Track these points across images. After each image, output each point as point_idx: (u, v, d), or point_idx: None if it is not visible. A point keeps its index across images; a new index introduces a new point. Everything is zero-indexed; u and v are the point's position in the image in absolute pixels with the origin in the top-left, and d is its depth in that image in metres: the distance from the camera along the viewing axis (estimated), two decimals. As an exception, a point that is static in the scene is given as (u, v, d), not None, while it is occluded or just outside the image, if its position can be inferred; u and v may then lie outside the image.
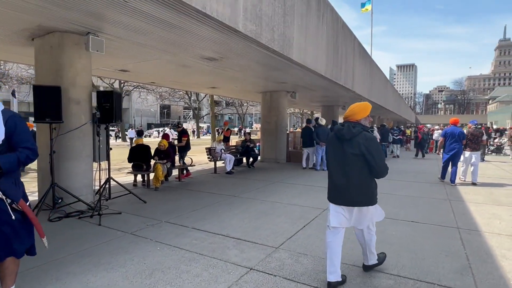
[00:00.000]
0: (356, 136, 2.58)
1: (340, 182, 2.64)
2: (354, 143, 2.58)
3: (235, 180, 8.18)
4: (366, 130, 2.68)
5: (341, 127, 2.68)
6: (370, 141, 2.57)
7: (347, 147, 2.61)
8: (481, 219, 4.74)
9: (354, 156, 2.57)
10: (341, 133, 2.64)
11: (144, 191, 6.89)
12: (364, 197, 2.64)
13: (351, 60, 10.98)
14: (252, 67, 7.40)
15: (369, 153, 2.54)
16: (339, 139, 2.67)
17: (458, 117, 57.63)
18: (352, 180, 2.59)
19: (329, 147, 2.82)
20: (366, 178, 2.63)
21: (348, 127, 2.61)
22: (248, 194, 6.42)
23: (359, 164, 2.58)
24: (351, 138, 2.59)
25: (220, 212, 5.10)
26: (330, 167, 2.77)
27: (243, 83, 10.27)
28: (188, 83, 10.34)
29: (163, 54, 6.26)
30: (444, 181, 7.85)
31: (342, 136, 2.63)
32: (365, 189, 2.63)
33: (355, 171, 2.59)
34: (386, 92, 21.28)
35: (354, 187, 2.60)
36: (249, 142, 10.74)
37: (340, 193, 2.67)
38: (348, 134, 2.59)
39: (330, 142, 2.81)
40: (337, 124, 6.98)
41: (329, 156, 2.80)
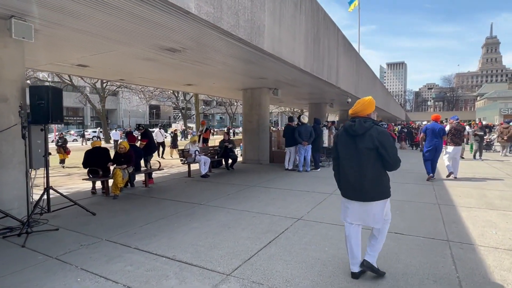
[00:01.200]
0: (368, 130, 2.60)
1: (355, 177, 2.64)
2: (367, 137, 2.59)
3: (207, 185, 7.46)
4: (377, 124, 2.69)
5: (352, 122, 2.68)
6: (383, 135, 2.59)
7: (360, 142, 2.62)
8: (474, 228, 4.13)
9: (368, 150, 2.59)
10: (354, 129, 2.64)
11: (101, 200, 6.13)
12: (378, 191, 2.64)
13: (334, 54, 10.36)
14: (222, 60, 6.70)
15: (382, 146, 2.56)
16: (351, 135, 2.68)
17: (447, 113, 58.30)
18: (366, 174, 2.60)
19: (339, 144, 2.80)
20: (380, 172, 2.64)
21: (360, 122, 2.63)
22: (216, 202, 5.72)
23: (373, 158, 2.60)
24: (363, 133, 2.60)
25: (176, 225, 4.39)
26: (343, 163, 2.74)
27: (220, 79, 9.57)
28: (160, 80, 9.58)
29: (116, 44, 5.51)
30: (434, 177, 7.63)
31: (355, 131, 2.63)
32: (379, 182, 2.63)
33: (369, 165, 2.60)
34: (375, 89, 20.80)
35: (369, 181, 2.60)
36: (228, 142, 10.03)
37: (354, 188, 2.67)
38: (361, 129, 2.60)
39: (340, 139, 2.80)
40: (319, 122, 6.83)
41: (341, 153, 2.77)
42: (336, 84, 10.67)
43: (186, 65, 7.24)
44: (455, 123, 8.01)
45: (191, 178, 8.55)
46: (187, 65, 7.24)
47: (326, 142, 10.55)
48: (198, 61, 6.85)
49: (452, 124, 8.00)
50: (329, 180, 7.79)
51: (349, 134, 2.70)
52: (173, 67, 7.46)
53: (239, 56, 6.37)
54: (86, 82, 27.60)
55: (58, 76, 25.91)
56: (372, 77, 19.37)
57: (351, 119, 2.75)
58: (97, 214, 4.94)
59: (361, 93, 15.41)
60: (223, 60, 6.74)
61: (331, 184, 7.22)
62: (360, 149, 2.62)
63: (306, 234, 3.97)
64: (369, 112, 2.74)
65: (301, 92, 12.85)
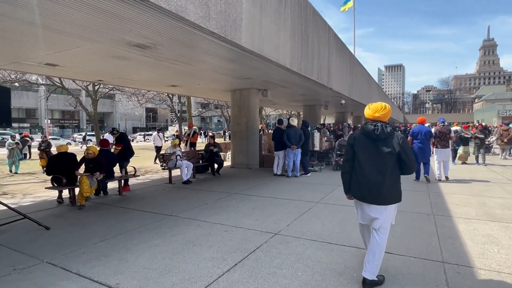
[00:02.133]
0: (390, 135, 2.69)
1: (376, 179, 2.67)
2: (389, 142, 2.68)
3: (186, 193, 6.93)
4: (396, 129, 2.85)
5: (374, 127, 2.72)
6: (404, 140, 2.70)
7: (382, 146, 2.69)
8: (473, 245, 3.61)
9: (390, 154, 2.67)
10: (377, 133, 2.69)
11: (65, 210, 5.59)
12: (394, 195, 2.71)
13: (325, 53, 9.88)
14: (199, 58, 6.20)
15: (404, 151, 2.66)
16: (372, 139, 2.73)
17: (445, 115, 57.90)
18: (385, 177, 2.66)
19: (356, 146, 2.81)
20: (397, 175, 2.74)
21: (382, 127, 2.70)
22: (189, 213, 5.19)
23: (392, 162, 2.68)
24: (385, 138, 2.69)
25: (135, 242, 3.86)
26: (363, 165, 2.75)
27: (205, 80, 9.07)
28: (141, 80, 9.07)
29: (79, 40, 5.00)
30: (419, 181, 7.75)
31: (378, 136, 2.69)
32: (396, 186, 2.73)
33: (389, 169, 2.67)
34: (370, 90, 20.36)
35: (388, 184, 2.67)
36: (213, 146, 9.51)
37: (372, 191, 2.69)
38: (384, 134, 2.68)
39: (358, 141, 2.82)
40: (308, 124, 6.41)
41: (360, 155, 2.78)
42: (327, 85, 10.18)
43: (164, 64, 6.74)
44: (440, 126, 8.11)
45: (172, 185, 8.01)
46: (165, 64, 6.74)
47: (318, 145, 10.04)
48: (175, 60, 6.35)
49: (437, 127, 8.12)
50: (318, 186, 7.27)
51: (371, 137, 2.74)
52: (150, 66, 6.95)
53: (216, 54, 5.87)
54: (78, 84, 27.06)
55: (49, 79, 25.40)
56: (368, 78, 18.92)
57: (371, 124, 2.77)
58: (51, 228, 4.41)
59: (356, 94, 14.94)
60: (201, 58, 6.24)
61: (319, 191, 6.71)
62: (382, 153, 2.68)
63: (279, 253, 3.44)
64: (388, 118, 2.83)
65: (292, 93, 12.36)
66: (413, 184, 7.38)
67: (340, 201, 5.83)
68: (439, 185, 7.34)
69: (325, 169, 10.32)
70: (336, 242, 3.76)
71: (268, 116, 56.69)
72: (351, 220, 4.60)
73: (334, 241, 3.80)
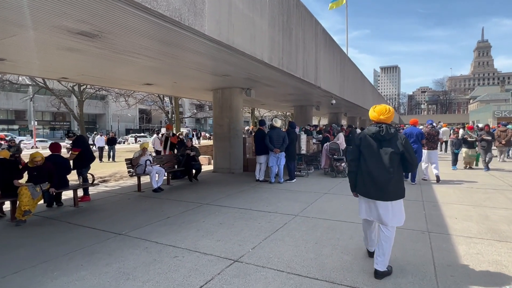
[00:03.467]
0: (394, 136, 2.88)
1: (382, 178, 2.83)
2: (393, 142, 2.86)
3: (151, 204, 6.14)
4: (398, 131, 3.18)
5: (379, 128, 2.89)
6: (407, 141, 2.89)
7: (387, 146, 2.87)
8: (477, 278, 2.86)
9: (395, 154, 2.84)
10: (382, 135, 2.86)
11: (1, 226, 4.78)
12: (399, 191, 2.88)
13: (312, 49, 9.15)
14: (161, 50, 5.42)
15: (407, 151, 2.85)
16: (378, 139, 2.90)
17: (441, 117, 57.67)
18: (391, 175, 2.82)
19: (362, 147, 2.97)
20: (401, 173, 2.94)
21: (387, 129, 2.87)
22: (142, 231, 4.40)
23: (397, 161, 2.86)
24: (390, 139, 2.86)
25: (55, 275, 3.06)
26: (369, 165, 2.90)
27: (178, 77, 8.30)
28: (109, 78, 8.27)
29: (12, 27, 4.21)
30: (407, 180, 7.52)
31: (383, 137, 2.86)
32: (400, 183, 2.91)
33: (394, 167, 2.84)
34: (364, 90, 19.70)
35: (394, 181, 2.84)
36: (190, 150, 8.72)
37: (378, 188, 2.84)
38: (388, 134, 2.86)
39: (363, 142, 2.97)
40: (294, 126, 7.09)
41: (366, 155, 2.93)
42: (315, 83, 9.45)
43: (125, 58, 5.96)
44: (429, 127, 8.08)
45: (141, 193, 7.22)
46: (127, 58, 5.97)
47: (304, 148, 9.29)
48: (135, 52, 5.57)
49: (426, 129, 8.08)
50: (301, 195, 6.52)
51: (376, 138, 2.90)
52: (111, 61, 6.17)
53: (179, 45, 5.10)
54: (63, 85, 26.11)
55: (33, 79, 24.47)
56: (361, 77, 18.24)
57: (375, 125, 2.95)
58: (-35, 254, 3.60)
59: (348, 94, 14.25)
60: (163, 50, 5.47)
61: (301, 201, 5.95)
62: (387, 153, 2.84)
63: (231, 292, 2.68)
64: (391, 120, 2.97)
65: (279, 93, 11.61)
66: (407, 191, 6.65)
67: (322, 213, 5.08)
68: (435, 193, 6.62)
69: (313, 174, 9.58)
70: (306, 273, 3.00)
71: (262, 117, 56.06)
72: (330, 240, 3.85)
73: (304, 272, 3.03)
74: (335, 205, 5.69)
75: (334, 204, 5.77)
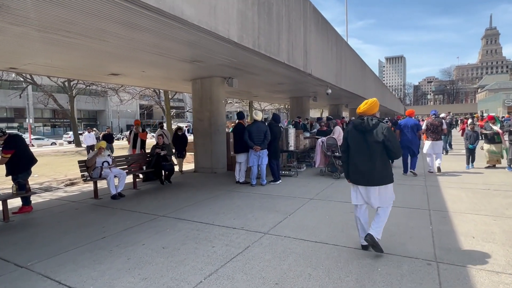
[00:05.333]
0: (376, 127, 3.06)
1: (365, 167, 3.08)
2: (374, 132, 3.05)
3: (97, 216, 5.09)
4: (381, 121, 3.14)
5: (361, 120, 3.12)
6: (388, 130, 3.05)
7: (369, 136, 3.08)
8: None
9: (376, 143, 3.04)
10: (363, 126, 3.09)
11: None
12: (385, 177, 3.08)
13: (299, 29, 7.94)
14: (94, 26, 4.29)
15: (387, 140, 3.01)
16: (361, 131, 3.12)
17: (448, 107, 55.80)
18: (375, 163, 3.04)
19: (349, 139, 3.24)
20: (386, 161, 3.11)
21: (368, 120, 3.08)
22: (55, 261, 3.34)
23: (380, 150, 3.05)
24: (371, 129, 3.06)
25: None
26: (354, 155, 3.19)
27: (142, 65, 7.16)
28: (62, 67, 7.16)
29: None
30: (407, 174, 7.61)
31: (365, 128, 3.08)
32: (385, 170, 3.09)
33: (377, 156, 3.05)
34: (365, 79, 18.37)
35: (377, 169, 3.04)
36: (160, 148, 7.63)
37: (364, 176, 3.10)
38: (369, 126, 3.06)
39: (350, 134, 3.24)
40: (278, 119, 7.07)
41: (352, 146, 3.21)
42: (304, 70, 8.26)
43: (55, 38, 4.84)
44: (432, 118, 7.85)
45: (97, 200, 6.18)
46: (57, 38, 4.85)
47: (293, 144, 8.15)
48: (62, 29, 4.45)
49: (429, 119, 7.86)
50: (282, 202, 5.40)
51: (359, 130, 3.14)
52: (41, 42, 5.06)
53: (112, 17, 3.96)
54: (52, 81, 25.14)
55: (20, 75, 23.55)
56: (361, 65, 16.90)
57: (359, 117, 3.19)
58: None
59: (346, 83, 13.00)
60: (96, 26, 4.33)
61: (278, 211, 4.84)
62: (369, 143, 3.07)
63: None
64: (374, 112, 3.18)
65: (266, 82, 10.44)
66: (410, 194, 5.50)
67: (299, 230, 3.98)
68: (444, 197, 5.46)
69: (304, 173, 8.46)
70: None
71: (263, 111, 54.62)
72: (298, 278, 2.74)
73: None
74: (319, 216, 4.58)
75: (319, 214, 4.66)
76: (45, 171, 11.77)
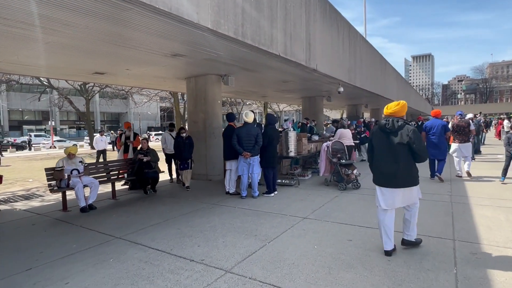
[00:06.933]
0: (401, 128, 3.04)
1: (389, 169, 3.05)
2: (399, 134, 3.03)
3: (46, 237, 4.35)
4: (408, 123, 3.13)
5: (386, 122, 3.12)
6: (414, 132, 3.01)
7: (394, 138, 3.05)
8: None
9: (401, 145, 3.01)
10: (388, 127, 3.08)
11: None
12: (410, 179, 3.05)
13: (300, 17, 6.93)
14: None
15: (413, 142, 2.97)
16: (386, 132, 3.11)
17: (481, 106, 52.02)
18: (399, 166, 3.00)
19: (374, 140, 3.25)
20: (411, 163, 3.06)
21: (393, 122, 3.07)
22: None
23: (404, 152, 3.02)
24: (396, 131, 3.04)
25: None
26: (378, 156, 3.18)
27: (123, 62, 6.44)
28: (44, 66, 6.59)
29: None
30: (434, 179, 6.99)
31: (390, 129, 3.07)
32: (410, 173, 3.04)
33: (401, 158, 3.01)
34: (385, 77, 16.89)
35: (401, 172, 3.00)
36: (144, 154, 6.86)
37: (389, 178, 3.07)
38: (394, 127, 3.05)
39: (375, 135, 3.24)
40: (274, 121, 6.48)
41: (376, 147, 3.21)
42: (306, 64, 7.23)
43: (23, 34, 4.18)
44: (458, 119, 7.41)
45: (63, 213, 5.50)
46: (23, 33, 4.18)
47: (293, 149, 7.12)
48: (21, 22, 3.75)
49: (455, 121, 7.42)
50: (267, 222, 4.38)
51: (384, 131, 3.13)
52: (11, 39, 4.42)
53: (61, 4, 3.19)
54: (69, 84, 25.47)
55: (37, 79, 24.02)
56: (380, 61, 15.48)
57: (385, 119, 3.20)
58: None
59: (361, 80, 11.75)
60: (41, 13, 3.59)
61: (256, 235, 3.86)
62: (394, 144, 3.04)
63: None
64: (403, 114, 3.16)
65: (269, 80, 9.46)
66: (429, 210, 4.33)
67: (273, 268, 3.00)
68: (474, 222, 4.25)
69: (308, 182, 7.42)
70: None
71: (281, 112, 53.29)
72: None
73: None
74: (305, 245, 3.57)
75: (306, 243, 3.65)
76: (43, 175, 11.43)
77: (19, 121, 53.97)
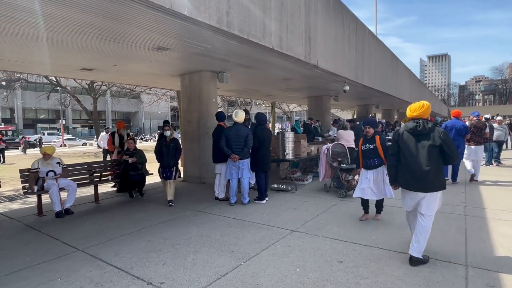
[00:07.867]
0: (432, 130, 2.98)
1: (420, 171, 2.94)
2: (431, 136, 2.96)
3: (9, 244, 3.95)
4: (437, 125, 3.09)
5: (416, 123, 3.02)
6: (445, 134, 2.96)
7: (425, 140, 2.97)
8: None
9: (432, 147, 2.94)
10: (419, 129, 2.99)
11: None
12: (439, 182, 2.96)
13: (298, 10, 6.35)
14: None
15: (445, 144, 2.92)
16: (416, 134, 3.02)
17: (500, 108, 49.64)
18: (430, 168, 2.91)
19: (400, 142, 3.12)
20: (441, 166, 2.99)
21: (424, 124, 2.99)
22: None
23: (435, 154, 2.94)
24: (427, 133, 2.98)
25: None
26: (408, 159, 3.04)
27: (108, 57, 6.03)
28: (24, 61, 6.25)
29: None
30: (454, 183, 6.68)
31: (421, 131, 2.99)
32: (440, 175, 2.97)
33: (432, 160, 2.92)
34: (397, 76, 16.06)
35: (433, 174, 2.92)
36: (130, 155, 6.43)
37: (417, 180, 2.97)
38: (425, 129, 2.98)
39: (402, 137, 3.11)
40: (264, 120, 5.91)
41: (405, 150, 3.07)
42: (305, 60, 6.65)
43: None
44: (475, 120, 7.24)
45: (37, 218, 5.13)
46: None
47: (290, 151, 6.55)
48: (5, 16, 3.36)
49: (472, 121, 7.25)
50: (250, 235, 3.81)
51: (414, 133, 3.03)
52: None
53: None
54: (77, 82, 25.57)
55: (46, 78, 24.17)
56: (391, 59, 14.67)
57: (413, 121, 3.07)
58: None
59: (369, 79, 11.05)
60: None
61: (234, 253, 3.30)
62: (425, 147, 2.95)
63: None
64: (427, 116, 3.08)
65: (268, 77, 8.90)
66: (440, 226, 3.71)
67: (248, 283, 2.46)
68: (492, 243, 3.60)
69: (308, 186, 6.84)
70: None
71: (292, 112, 52.36)
72: None
73: None
74: (287, 267, 3.02)
75: (289, 263, 3.09)
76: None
77: (34, 120, 55.05)
